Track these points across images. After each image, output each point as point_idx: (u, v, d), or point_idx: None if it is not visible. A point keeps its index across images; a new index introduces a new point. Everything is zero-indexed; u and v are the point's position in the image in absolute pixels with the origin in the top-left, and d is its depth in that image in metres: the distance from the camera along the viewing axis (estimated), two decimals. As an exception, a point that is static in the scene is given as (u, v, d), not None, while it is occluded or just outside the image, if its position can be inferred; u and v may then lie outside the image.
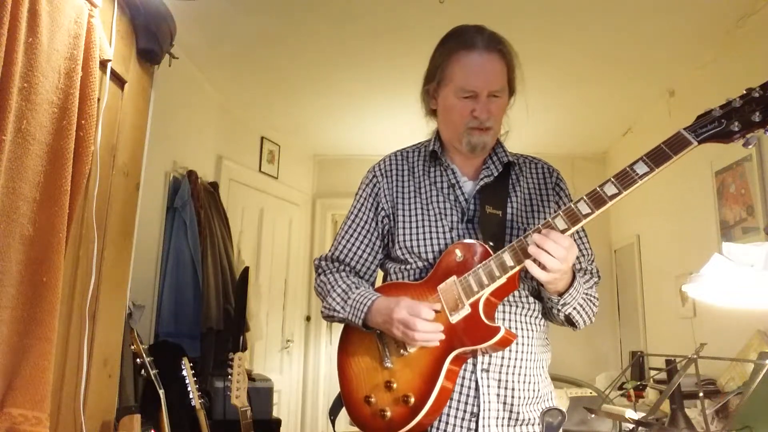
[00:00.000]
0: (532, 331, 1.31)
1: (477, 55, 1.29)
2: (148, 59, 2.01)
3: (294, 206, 4.80)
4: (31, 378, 1.33)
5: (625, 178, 1.09)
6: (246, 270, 3.47)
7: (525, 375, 1.28)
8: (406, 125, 3.81)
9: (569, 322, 1.30)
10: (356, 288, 1.34)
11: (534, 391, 1.29)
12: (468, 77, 1.30)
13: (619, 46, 3.07)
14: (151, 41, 1.96)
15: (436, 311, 1.20)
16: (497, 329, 1.15)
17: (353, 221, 1.44)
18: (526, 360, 1.28)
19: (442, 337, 1.18)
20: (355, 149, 4.79)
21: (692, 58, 3.08)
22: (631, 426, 1.94)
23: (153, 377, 2.09)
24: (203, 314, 3.09)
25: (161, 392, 2.09)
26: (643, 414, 1.88)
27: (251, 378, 2.97)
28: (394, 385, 1.23)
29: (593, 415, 2.28)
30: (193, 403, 2.29)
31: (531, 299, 1.32)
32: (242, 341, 3.35)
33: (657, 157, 1.09)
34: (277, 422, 3.08)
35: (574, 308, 1.25)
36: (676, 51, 3.06)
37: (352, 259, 1.42)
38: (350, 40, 3.12)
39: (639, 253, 4.09)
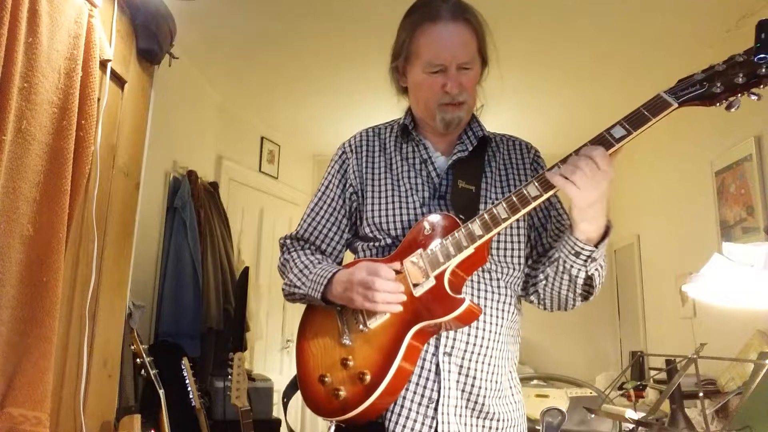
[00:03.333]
0: (503, 319, 1.25)
1: (442, 26, 1.23)
2: (148, 59, 2.01)
3: (294, 206, 4.80)
4: (32, 378, 1.33)
5: (602, 142, 1.06)
6: (246, 270, 3.47)
7: (490, 364, 1.22)
8: (406, 125, 3.80)
9: (588, 286, 1.20)
10: (318, 263, 1.28)
11: (497, 383, 1.23)
12: (435, 50, 1.23)
13: (619, 46, 3.07)
14: (151, 41, 1.96)
15: (397, 271, 1.14)
16: (461, 300, 1.09)
17: (320, 198, 1.39)
18: (492, 348, 1.22)
19: (404, 298, 1.12)
20: (355, 149, 4.78)
21: (692, 58, 3.08)
22: (631, 426, 1.94)
23: (153, 377, 2.09)
24: (203, 314, 3.09)
25: (161, 392, 2.09)
26: (643, 414, 1.88)
27: (251, 378, 2.97)
28: (351, 363, 1.15)
29: (593, 415, 2.28)
30: (193, 403, 2.29)
31: (503, 287, 1.26)
32: (242, 341, 3.35)
33: (635, 120, 1.05)
34: (277, 422, 3.08)
35: (596, 269, 1.16)
36: (676, 51, 3.06)
37: (317, 237, 1.37)
38: (350, 40, 3.12)
39: (639, 253, 4.09)
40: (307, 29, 3.02)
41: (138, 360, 2.11)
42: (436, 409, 1.17)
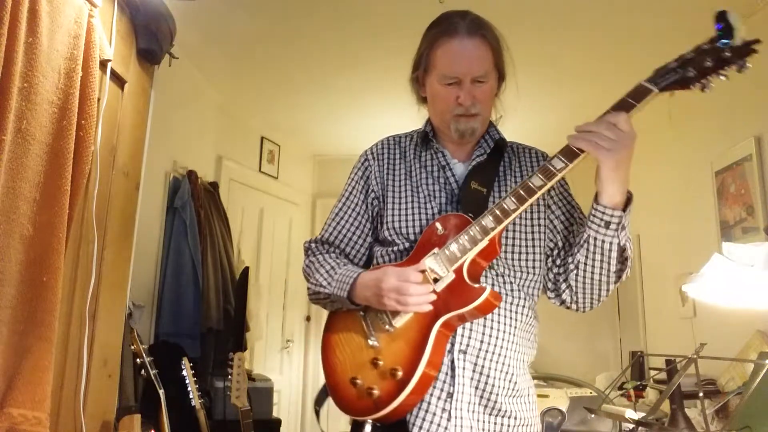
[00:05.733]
0: (517, 321, 1.29)
1: (458, 41, 1.29)
2: (148, 59, 2.01)
3: (294, 206, 4.80)
4: (31, 378, 1.33)
5: (623, 107, 1.15)
6: (246, 270, 3.47)
7: (503, 364, 1.26)
8: (406, 125, 3.81)
9: (622, 259, 1.26)
10: (344, 265, 1.34)
11: (512, 383, 1.27)
12: (450, 64, 1.30)
13: (619, 46, 3.07)
14: (151, 41, 1.96)
15: (422, 271, 1.19)
16: (482, 288, 1.15)
17: (344, 204, 1.45)
18: (506, 349, 1.26)
19: (433, 297, 1.17)
20: (355, 149, 4.73)
21: (692, 58, 3.08)
22: (631, 426, 1.94)
23: (153, 377, 2.09)
24: (203, 314, 3.09)
25: (161, 392, 2.09)
26: (643, 414, 1.88)
27: (251, 378, 2.97)
28: (381, 362, 1.20)
29: (593, 415, 2.28)
30: (193, 403, 2.29)
31: (516, 290, 1.30)
32: (242, 341, 3.35)
33: (621, 107, 1.14)
34: (277, 422, 3.08)
35: (627, 238, 1.23)
36: (676, 51, 3.05)
37: (341, 241, 1.42)
38: (350, 40, 3.12)
39: (639, 253, 4.09)
40: (307, 29, 3.02)
41: (138, 360, 2.11)
42: (451, 403, 1.22)
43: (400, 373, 1.16)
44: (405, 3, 2.73)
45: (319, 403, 1.35)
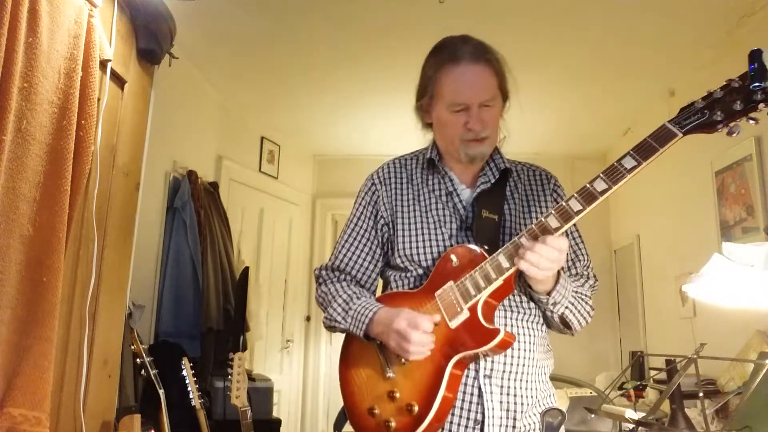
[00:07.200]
0: (534, 336, 1.31)
1: (464, 67, 1.29)
2: (148, 59, 2.01)
3: (294, 206, 4.80)
4: (31, 378, 1.33)
5: (614, 173, 1.10)
6: (246, 270, 3.47)
7: (527, 381, 1.28)
8: (406, 125, 3.81)
9: (565, 324, 1.31)
10: (357, 299, 1.33)
11: (534, 397, 1.29)
12: (457, 91, 1.30)
13: (619, 46, 3.07)
14: (151, 41, 1.96)
15: (436, 324, 1.20)
16: (497, 331, 1.16)
17: (353, 230, 1.43)
18: (529, 366, 1.28)
19: (431, 347, 1.19)
20: (355, 149, 4.79)
21: (692, 58, 3.08)
22: (631, 426, 1.94)
23: (153, 377, 2.09)
24: (203, 314, 3.09)
25: (161, 392, 2.09)
26: (643, 414, 1.88)
27: (251, 378, 2.96)
28: (397, 395, 1.22)
29: (593, 415, 2.28)
30: (193, 403, 2.29)
31: (532, 305, 1.32)
32: (242, 341, 3.35)
33: (644, 150, 1.10)
34: (277, 422, 3.08)
35: (566, 307, 1.26)
36: (676, 51, 3.06)
37: (352, 268, 1.42)
38: (350, 40, 3.12)
39: (639, 253, 4.09)
40: (307, 29, 3.02)
41: (138, 360, 2.11)
42: (482, 430, 1.23)
43: (416, 409, 1.18)
44: (405, 3, 2.73)
45: (338, 426, 1.37)
